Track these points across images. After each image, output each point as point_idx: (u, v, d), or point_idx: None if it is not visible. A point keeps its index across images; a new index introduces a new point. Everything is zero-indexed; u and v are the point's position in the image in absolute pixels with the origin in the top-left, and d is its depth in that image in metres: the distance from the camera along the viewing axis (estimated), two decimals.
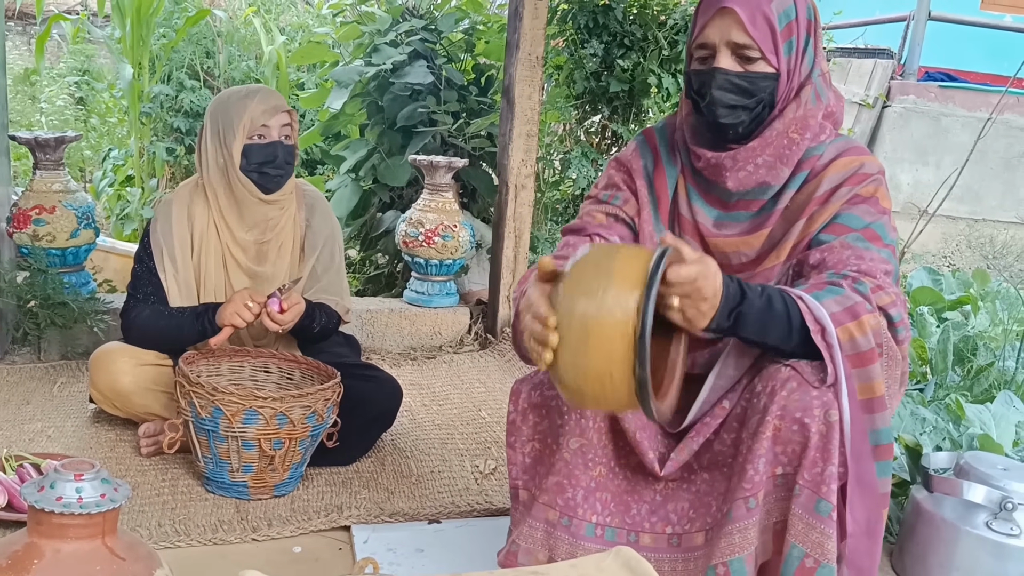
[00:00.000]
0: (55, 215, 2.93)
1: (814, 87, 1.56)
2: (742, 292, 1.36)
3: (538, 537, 1.56)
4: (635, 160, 1.71)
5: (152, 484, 2.12)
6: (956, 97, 6.41)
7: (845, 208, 1.52)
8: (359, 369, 2.36)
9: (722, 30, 1.51)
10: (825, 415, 1.36)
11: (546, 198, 4.03)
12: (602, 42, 3.79)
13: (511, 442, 1.60)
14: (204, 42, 5.84)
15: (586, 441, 1.55)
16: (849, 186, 1.53)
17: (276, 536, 1.94)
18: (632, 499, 1.57)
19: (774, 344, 1.41)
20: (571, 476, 1.55)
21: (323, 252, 2.43)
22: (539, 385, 1.59)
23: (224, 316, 2.18)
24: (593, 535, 1.55)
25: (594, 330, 1.23)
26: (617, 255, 1.28)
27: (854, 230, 1.50)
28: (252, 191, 2.29)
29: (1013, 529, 1.62)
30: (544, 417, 1.58)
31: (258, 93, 2.29)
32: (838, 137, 1.60)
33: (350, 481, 2.22)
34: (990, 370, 2.68)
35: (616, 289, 1.23)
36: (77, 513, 1.22)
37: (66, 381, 2.77)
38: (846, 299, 1.39)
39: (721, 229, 1.61)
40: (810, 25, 1.55)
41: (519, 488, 1.61)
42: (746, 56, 1.51)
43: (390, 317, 3.37)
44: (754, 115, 1.53)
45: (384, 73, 3.96)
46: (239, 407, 1.97)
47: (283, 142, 2.29)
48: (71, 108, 7.35)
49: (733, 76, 1.51)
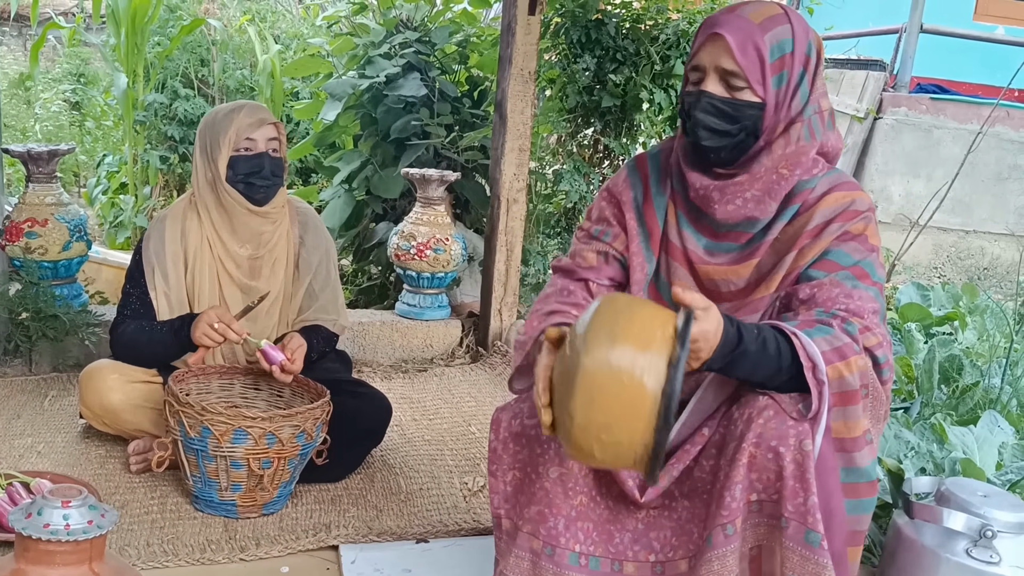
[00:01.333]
0: (47, 228, 2.94)
1: (807, 124, 1.56)
2: (739, 336, 1.37)
3: (525, 567, 1.57)
4: (625, 191, 1.72)
5: (141, 502, 2.13)
6: (948, 109, 6.44)
7: (835, 244, 1.53)
8: (349, 385, 2.38)
9: (712, 55, 1.53)
10: (800, 444, 1.38)
11: (538, 211, 4.05)
12: (595, 57, 3.81)
13: (493, 471, 1.61)
14: (199, 51, 5.85)
15: (566, 470, 1.56)
16: (840, 222, 1.54)
17: (264, 556, 1.95)
18: (615, 528, 1.58)
19: (760, 381, 1.43)
20: (552, 505, 1.56)
21: (319, 270, 2.44)
22: (519, 414, 1.60)
23: (196, 337, 2.19)
24: (577, 564, 1.56)
25: (612, 392, 1.22)
26: (634, 317, 1.26)
27: (844, 267, 1.52)
28: (240, 202, 2.30)
29: (993, 557, 1.64)
30: (524, 446, 1.59)
31: (245, 107, 2.32)
32: (831, 171, 1.61)
33: (339, 499, 2.23)
34: (975, 389, 2.70)
35: (638, 353, 1.22)
36: (64, 540, 1.24)
37: (57, 394, 2.78)
38: (836, 339, 1.41)
39: (711, 257, 1.63)
40: (808, 61, 1.55)
41: (502, 517, 1.62)
42: (732, 84, 1.52)
43: (382, 330, 3.38)
44: (736, 141, 1.55)
45: (378, 85, 3.98)
46: (228, 427, 1.98)
47: (270, 154, 2.31)
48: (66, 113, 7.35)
49: (717, 100, 1.53)
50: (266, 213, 2.34)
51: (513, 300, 3.49)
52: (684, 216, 1.66)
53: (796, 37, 1.54)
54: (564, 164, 4.00)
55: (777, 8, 1.56)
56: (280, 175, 2.34)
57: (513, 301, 3.50)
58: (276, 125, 2.34)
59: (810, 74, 1.56)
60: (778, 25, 1.53)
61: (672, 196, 1.68)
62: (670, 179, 1.69)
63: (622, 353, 1.22)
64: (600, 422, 1.24)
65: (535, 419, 1.58)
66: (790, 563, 1.38)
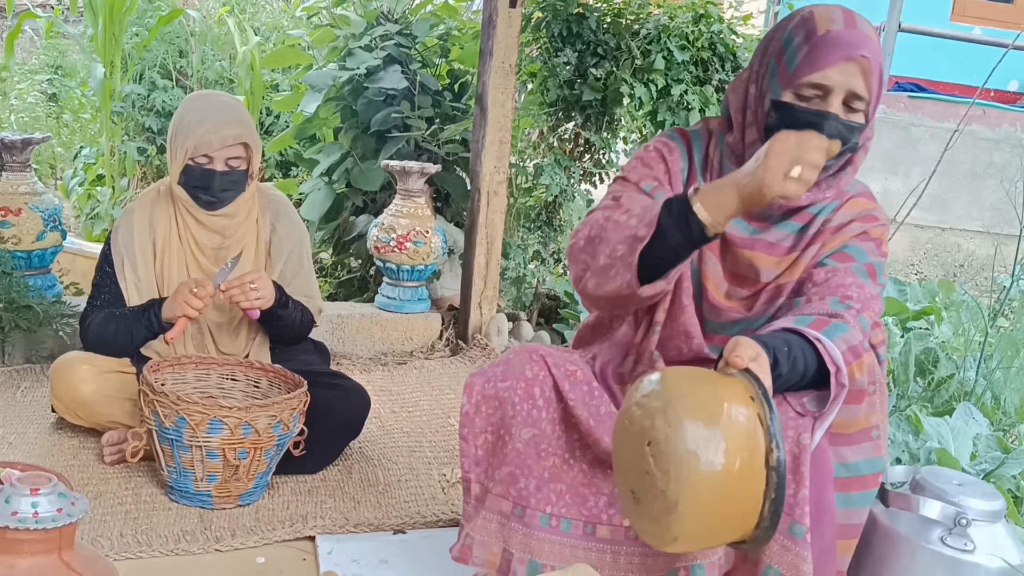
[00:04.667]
0: (21, 217, 2.90)
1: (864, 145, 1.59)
2: (776, 362, 1.35)
3: (492, 529, 1.58)
4: (674, 157, 1.68)
5: (115, 493, 2.10)
6: (925, 107, 6.49)
7: (855, 241, 1.58)
8: (327, 377, 2.36)
9: (847, 75, 1.50)
10: (797, 437, 1.38)
11: (519, 204, 4.03)
12: (576, 51, 3.80)
13: (464, 434, 1.61)
14: (177, 41, 5.79)
15: (538, 431, 1.57)
16: (861, 223, 1.59)
17: (240, 547, 1.93)
18: (589, 491, 1.58)
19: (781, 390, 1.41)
20: (524, 466, 1.56)
21: (291, 258, 2.43)
22: (492, 377, 1.61)
23: (174, 309, 2.16)
24: (547, 525, 1.56)
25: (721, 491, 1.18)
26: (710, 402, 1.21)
27: (859, 262, 1.55)
28: (190, 206, 2.29)
29: (967, 545, 1.65)
30: (497, 409, 1.59)
31: (211, 117, 2.22)
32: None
33: (316, 490, 2.22)
34: (951, 381, 2.72)
35: (731, 437, 1.19)
36: (32, 528, 1.22)
37: (30, 386, 2.74)
38: (851, 337, 1.42)
39: (755, 244, 1.61)
40: (879, 90, 1.55)
41: (471, 481, 1.62)
42: (853, 106, 1.52)
43: (361, 322, 3.37)
44: (839, 157, 1.55)
45: (358, 77, 3.95)
46: (203, 416, 1.96)
47: (224, 171, 2.25)
48: (42, 105, 7.26)
49: (843, 123, 1.52)
50: (224, 214, 2.31)
51: (493, 293, 3.49)
52: None
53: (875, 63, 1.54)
54: (545, 158, 3.99)
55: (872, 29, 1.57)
56: (234, 188, 2.29)
57: (493, 294, 3.49)
58: (244, 145, 2.26)
59: (874, 100, 1.56)
60: (880, 51, 1.54)
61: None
62: (711, 170, 1.66)
63: (718, 445, 1.17)
64: (710, 520, 1.21)
65: (507, 381, 1.58)
66: (770, 551, 1.39)
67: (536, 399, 1.58)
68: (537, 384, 1.58)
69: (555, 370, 1.60)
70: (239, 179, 2.29)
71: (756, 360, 1.30)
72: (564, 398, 1.60)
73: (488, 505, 1.58)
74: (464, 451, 1.61)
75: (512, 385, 1.58)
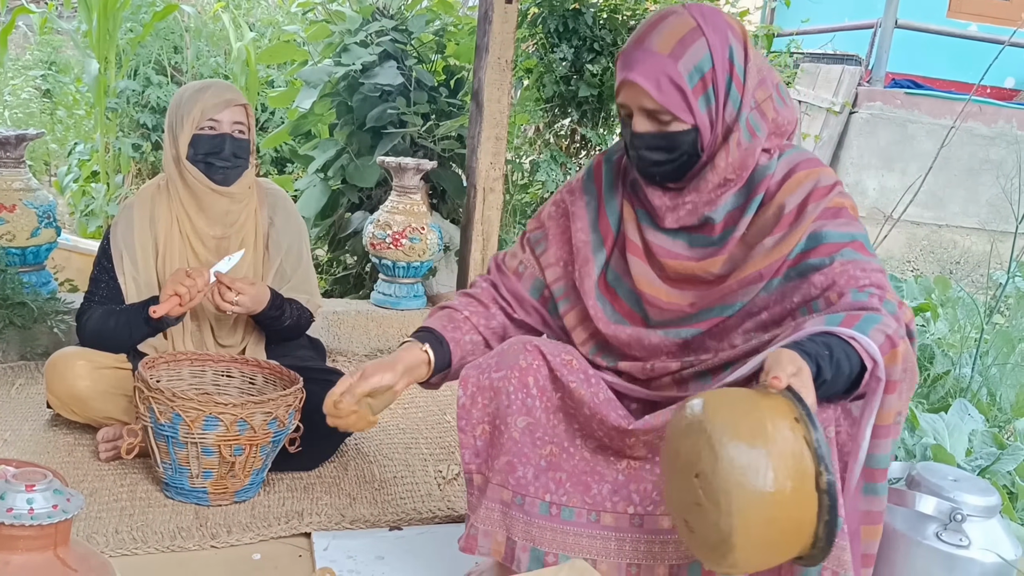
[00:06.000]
0: (15, 214, 2.89)
1: (747, 127, 1.53)
2: (818, 369, 1.30)
3: (495, 518, 1.59)
4: (578, 201, 1.74)
5: (110, 490, 2.10)
6: (922, 104, 6.50)
7: (820, 225, 1.50)
8: (323, 374, 2.35)
9: (632, 97, 1.54)
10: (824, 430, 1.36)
11: (515, 200, 4.04)
12: (572, 47, 3.80)
13: (462, 426, 1.62)
14: (172, 37, 5.78)
15: (533, 420, 1.58)
16: (815, 202, 1.52)
17: (235, 543, 1.93)
18: (592, 479, 1.58)
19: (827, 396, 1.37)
20: (520, 455, 1.57)
21: (290, 251, 2.43)
22: (487, 369, 1.61)
23: (166, 290, 2.15)
24: (548, 514, 1.57)
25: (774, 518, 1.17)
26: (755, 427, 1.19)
27: (842, 244, 1.48)
28: (202, 180, 2.29)
29: (963, 540, 1.65)
30: (492, 399, 1.60)
31: (212, 87, 2.30)
32: (787, 150, 1.58)
33: (312, 487, 2.21)
34: (947, 378, 2.72)
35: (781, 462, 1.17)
36: (28, 525, 1.21)
37: (24, 383, 2.73)
38: (885, 326, 1.36)
39: (679, 250, 1.61)
40: (732, 67, 1.52)
41: (473, 472, 1.63)
42: (660, 119, 1.53)
43: (357, 319, 3.36)
44: (679, 164, 1.56)
45: (354, 73, 3.94)
46: (199, 413, 1.95)
47: (233, 136, 2.28)
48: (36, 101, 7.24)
49: (650, 138, 1.54)
50: (230, 194, 2.32)
51: None
52: (645, 214, 1.66)
53: (713, 48, 1.51)
54: (541, 154, 3.99)
55: (687, 22, 1.52)
56: (244, 156, 2.32)
57: None
58: (244, 107, 2.31)
59: (738, 76, 1.53)
60: (691, 45, 1.50)
61: (627, 196, 1.69)
62: (623, 181, 1.70)
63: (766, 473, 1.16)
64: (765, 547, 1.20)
65: (501, 372, 1.59)
66: None
67: (530, 388, 1.59)
68: (531, 373, 1.59)
69: (551, 359, 1.61)
70: (244, 150, 2.32)
71: (798, 375, 1.25)
72: (563, 385, 1.60)
73: (490, 495, 1.59)
74: (464, 443, 1.62)
75: (506, 375, 1.59)
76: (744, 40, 1.54)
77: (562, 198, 1.78)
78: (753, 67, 1.54)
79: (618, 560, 1.54)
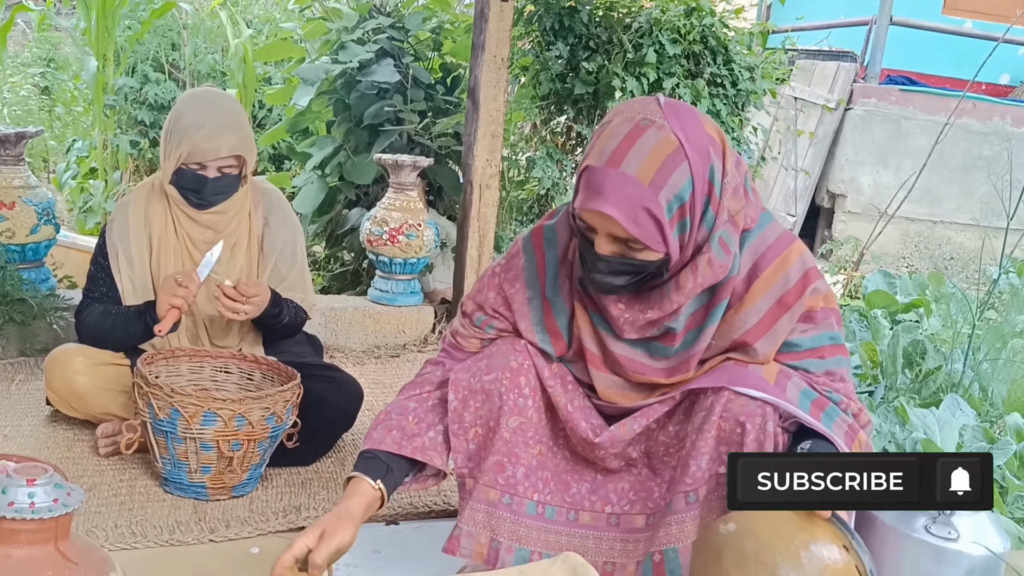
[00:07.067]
0: (15, 211, 2.91)
1: (719, 245, 1.43)
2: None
3: (479, 519, 1.58)
4: (519, 297, 1.63)
5: (110, 485, 2.12)
6: (916, 101, 6.52)
7: (799, 334, 1.50)
8: (320, 370, 2.37)
9: (601, 223, 1.40)
10: (763, 424, 1.41)
11: (511, 197, 4.06)
12: (568, 44, 3.82)
13: (454, 431, 1.61)
14: (170, 34, 5.79)
15: (525, 419, 1.58)
16: (787, 309, 1.47)
17: (234, 537, 1.95)
18: (572, 478, 1.61)
19: None
20: (511, 455, 1.57)
21: (284, 251, 2.44)
22: (477, 372, 1.61)
23: (162, 304, 2.17)
24: (534, 513, 1.58)
25: None
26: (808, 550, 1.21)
27: (823, 351, 1.51)
28: (181, 205, 2.30)
29: (951, 533, 1.67)
30: (484, 402, 1.60)
31: (209, 127, 2.18)
32: (749, 231, 1.49)
33: (309, 482, 2.23)
34: (938, 373, 2.75)
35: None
36: (29, 518, 1.23)
37: (24, 379, 2.75)
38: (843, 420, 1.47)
39: (644, 366, 1.56)
40: (711, 189, 1.40)
41: (465, 477, 1.63)
42: (629, 247, 1.41)
43: (354, 315, 3.38)
44: (641, 283, 1.47)
45: (351, 71, 3.96)
46: (197, 408, 1.97)
47: (217, 177, 2.25)
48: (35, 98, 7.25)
49: (616, 263, 1.42)
50: (216, 211, 2.32)
51: None
52: (602, 319, 1.57)
53: (695, 173, 1.37)
54: (537, 151, 4.01)
55: (669, 142, 1.36)
56: (226, 192, 2.29)
57: None
58: (237, 157, 2.25)
59: (716, 197, 1.41)
60: (672, 172, 1.35)
61: (578, 297, 1.59)
62: (570, 278, 1.59)
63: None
64: None
65: (492, 374, 1.59)
66: None
67: (522, 388, 1.59)
68: (523, 373, 1.60)
69: (535, 359, 1.62)
70: (231, 183, 2.29)
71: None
72: (544, 386, 1.62)
73: (476, 496, 1.59)
74: (456, 448, 1.62)
75: (498, 377, 1.59)
76: (723, 150, 1.42)
77: (499, 285, 1.65)
78: (730, 179, 1.42)
79: (595, 559, 1.55)
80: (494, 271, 1.67)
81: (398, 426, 1.61)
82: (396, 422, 1.62)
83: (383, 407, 2.72)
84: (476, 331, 1.68)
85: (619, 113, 1.41)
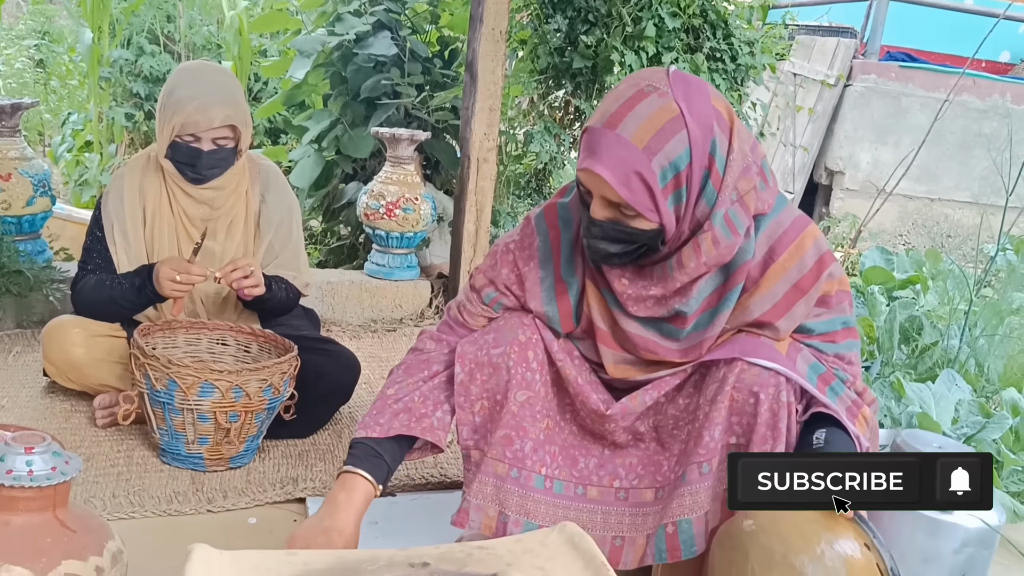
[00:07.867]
0: (11, 183, 2.90)
1: (726, 224, 1.41)
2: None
3: (488, 492, 1.58)
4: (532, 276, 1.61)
5: (107, 455, 2.12)
6: (916, 77, 6.50)
7: (815, 318, 1.51)
8: (317, 343, 2.37)
9: (594, 184, 1.40)
10: (777, 393, 1.41)
11: (509, 172, 4.04)
12: (566, 17, 3.79)
13: (460, 403, 1.61)
14: (165, 6, 5.73)
15: (533, 393, 1.58)
16: (804, 294, 1.47)
17: (231, 508, 1.96)
18: (579, 453, 1.61)
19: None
20: (519, 428, 1.57)
21: (280, 228, 2.42)
22: (485, 345, 1.61)
23: (162, 288, 2.16)
24: (542, 487, 1.58)
25: None
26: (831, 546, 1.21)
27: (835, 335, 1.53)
28: (177, 178, 2.28)
29: None
30: (491, 375, 1.59)
31: (202, 98, 2.16)
32: (762, 218, 1.48)
33: (306, 454, 2.24)
34: (935, 349, 2.75)
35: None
36: (27, 486, 1.24)
37: (21, 350, 2.75)
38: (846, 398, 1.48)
39: (656, 345, 1.55)
40: (711, 162, 1.38)
41: (470, 449, 1.63)
42: (622, 212, 1.40)
43: (351, 289, 3.38)
44: (637, 255, 1.46)
45: (348, 43, 3.93)
46: (194, 380, 1.97)
47: (211, 150, 2.23)
48: (30, 71, 7.19)
49: (608, 227, 1.42)
50: (212, 186, 2.30)
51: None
52: (613, 297, 1.55)
53: (694, 143, 1.35)
54: (535, 125, 3.99)
55: (669, 108, 1.35)
56: (221, 165, 2.27)
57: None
58: (232, 128, 2.23)
59: (717, 171, 1.39)
60: (669, 140, 1.34)
61: (590, 274, 1.58)
62: (583, 254, 1.57)
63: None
64: None
65: (500, 347, 1.59)
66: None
67: (530, 362, 1.59)
68: (531, 347, 1.60)
69: (544, 332, 1.62)
70: (227, 156, 2.27)
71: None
72: (554, 361, 1.62)
73: (484, 469, 1.59)
74: (461, 420, 1.62)
75: (506, 351, 1.59)
76: (730, 127, 1.40)
77: (513, 257, 1.64)
78: (737, 156, 1.40)
79: (603, 533, 1.56)
80: (508, 247, 1.65)
81: (405, 408, 1.60)
82: (404, 404, 1.61)
83: (380, 380, 2.77)
84: (484, 309, 1.67)
85: (628, 79, 1.42)
